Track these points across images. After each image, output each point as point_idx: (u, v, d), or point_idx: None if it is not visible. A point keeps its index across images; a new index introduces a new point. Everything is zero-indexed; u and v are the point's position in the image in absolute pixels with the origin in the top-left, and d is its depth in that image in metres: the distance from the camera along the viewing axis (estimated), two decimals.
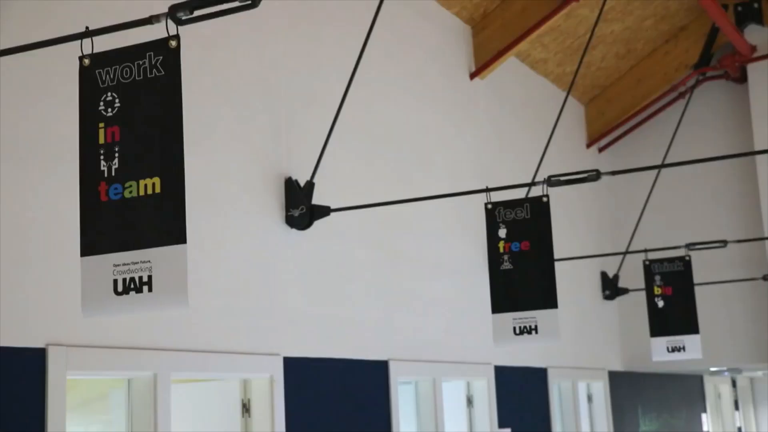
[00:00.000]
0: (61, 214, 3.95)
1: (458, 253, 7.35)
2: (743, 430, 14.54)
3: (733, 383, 14.32)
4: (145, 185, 2.91)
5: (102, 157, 2.98)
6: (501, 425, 7.53)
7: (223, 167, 5.06)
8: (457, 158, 7.56)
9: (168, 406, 4.50)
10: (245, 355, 5.05)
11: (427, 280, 6.87)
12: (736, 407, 14.31)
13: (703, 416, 12.70)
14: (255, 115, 5.33)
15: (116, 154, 2.96)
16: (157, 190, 2.90)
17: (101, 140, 2.98)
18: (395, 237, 6.54)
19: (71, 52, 3.08)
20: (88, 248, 2.97)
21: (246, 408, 5.22)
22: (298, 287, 5.50)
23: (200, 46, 4.92)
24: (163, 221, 2.87)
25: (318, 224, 5.52)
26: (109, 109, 3.00)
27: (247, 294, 5.13)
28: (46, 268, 3.94)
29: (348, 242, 6.00)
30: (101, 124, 3.00)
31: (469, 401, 7.45)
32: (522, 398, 8.05)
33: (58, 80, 3.97)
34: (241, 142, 5.22)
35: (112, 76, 3.01)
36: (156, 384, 4.44)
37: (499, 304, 5.49)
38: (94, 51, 3.00)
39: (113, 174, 2.96)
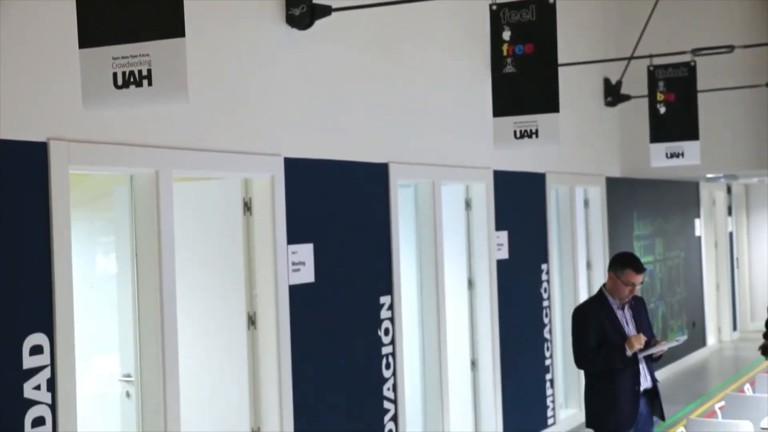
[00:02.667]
0: (60, 5, 3.87)
1: (460, 58, 7.26)
2: (734, 234, 14.85)
3: (728, 189, 14.50)
4: None
5: None
6: (498, 228, 7.67)
7: None
8: None
9: (170, 203, 4.57)
10: (246, 154, 5.08)
11: (428, 85, 6.82)
12: (730, 213, 14.55)
13: (696, 221, 12.94)
14: None
15: None
16: None
17: None
18: (397, 40, 6.44)
19: None
20: (87, 40, 2.93)
21: (247, 206, 5.29)
22: (299, 88, 5.46)
23: None
24: (161, 13, 2.81)
25: (319, 24, 5.43)
26: None
27: (247, 93, 5.10)
28: (46, 60, 3.89)
29: (350, 44, 5.91)
30: None
31: (468, 204, 7.55)
32: (520, 202, 8.15)
33: None
34: None
35: None
36: (158, 181, 4.49)
37: (500, 108, 5.48)
38: None
39: None
